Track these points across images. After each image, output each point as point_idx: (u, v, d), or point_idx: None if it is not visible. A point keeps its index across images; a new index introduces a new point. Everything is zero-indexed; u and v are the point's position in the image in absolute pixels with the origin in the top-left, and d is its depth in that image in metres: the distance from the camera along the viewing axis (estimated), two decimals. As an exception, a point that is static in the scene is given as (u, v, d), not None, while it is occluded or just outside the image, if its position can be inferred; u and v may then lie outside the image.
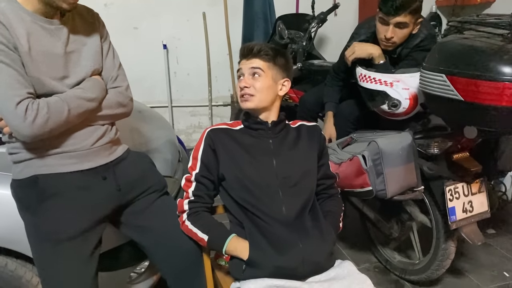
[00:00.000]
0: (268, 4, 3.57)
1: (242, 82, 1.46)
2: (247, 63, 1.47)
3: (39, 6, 1.28)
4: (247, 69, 1.47)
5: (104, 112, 1.41)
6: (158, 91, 3.79)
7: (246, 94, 1.45)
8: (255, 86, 1.45)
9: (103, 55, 1.45)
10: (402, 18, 1.94)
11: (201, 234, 1.41)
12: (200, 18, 3.62)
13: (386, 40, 2.02)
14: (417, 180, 1.83)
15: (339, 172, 1.88)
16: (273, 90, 1.48)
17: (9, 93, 1.20)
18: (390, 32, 1.99)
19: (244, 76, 1.47)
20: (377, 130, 2.09)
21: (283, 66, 1.50)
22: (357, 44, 2.07)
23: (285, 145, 1.50)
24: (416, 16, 1.98)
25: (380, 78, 1.91)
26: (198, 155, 1.46)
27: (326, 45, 3.86)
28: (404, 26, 1.98)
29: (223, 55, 3.75)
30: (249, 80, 1.46)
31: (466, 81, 1.52)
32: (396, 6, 1.91)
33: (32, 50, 1.26)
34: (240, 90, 1.47)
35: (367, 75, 1.95)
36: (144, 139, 2.04)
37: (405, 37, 2.03)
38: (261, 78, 1.45)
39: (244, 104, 1.47)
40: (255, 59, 1.47)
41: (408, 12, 1.93)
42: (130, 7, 3.50)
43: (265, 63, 1.46)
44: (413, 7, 1.93)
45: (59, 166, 1.35)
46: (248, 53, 1.48)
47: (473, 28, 1.74)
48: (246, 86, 1.45)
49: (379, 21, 2.03)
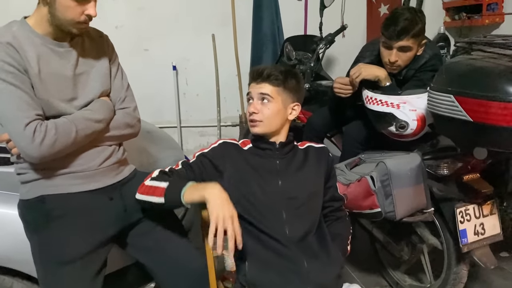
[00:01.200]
0: (277, 26, 3.62)
1: (251, 107, 1.45)
2: (257, 88, 1.46)
3: (50, 29, 1.31)
4: (256, 94, 1.45)
5: (112, 133, 1.43)
6: (167, 112, 3.83)
7: (254, 120, 1.45)
8: (263, 112, 1.44)
9: (112, 76, 1.47)
10: (405, 42, 1.95)
11: (161, 184, 1.33)
12: (209, 39, 3.67)
13: (390, 64, 2.02)
14: (426, 202, 1.81)
15: (348, 193, 1.86)
16: (282, 115, 1.48)
17: (18, 114, 1.22)
18: (394, 56, 1.99)
19: (253, 101, 1.46)
20: (385, 151, 2.08)
21: (294, 89, 1.48)
22: (363, 65, 2.08)
23: (292, 166, 1.49)
24: (419, 39, 1.99)
25: (386, 100, 1.91)
26: (198, 153, 1.48)
27: (334, 66, 3.88)
28: (408, 50, 1.98)
29: (232, 76, 3.78)
30: (258, 106, 1.44)
31: (474, 102, 1.51)
32: (398, 30, 1.92)
33: (42, 72, 1.28)
34: (249, 114, 1.47)
35: (374, 97, 1.95)
36: (152, 159, 2.05)
37: (409, 60, 2.03)
38: (270, 104, 1.44)
39: (253, 129, 1.47)
40: (265, 83, 1.44)
41: (410, 36, 1.94)
42: (140, 29, 3.57)
43: (274, 88, 1.44)
44: (416, 30, 1.93)
45: (66, 186, 1.36)
46: (257, 77, 1.46)
47: (481, 49, 1.73)
48: (254, 112, 1.44)
49: (382, 46, 2.04)
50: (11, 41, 1.24)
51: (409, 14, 1.95)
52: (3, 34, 1.26)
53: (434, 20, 3.81)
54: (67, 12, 1.25)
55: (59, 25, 1.29)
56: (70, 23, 1.28)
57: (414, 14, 1.97)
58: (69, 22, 1.28)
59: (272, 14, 3.58)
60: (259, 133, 1.47)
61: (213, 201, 1.23)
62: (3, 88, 1.22)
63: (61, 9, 1.25)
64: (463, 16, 3.54)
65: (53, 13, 1.26)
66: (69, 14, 1.26)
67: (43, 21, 1.30)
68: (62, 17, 1.26)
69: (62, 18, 1.27)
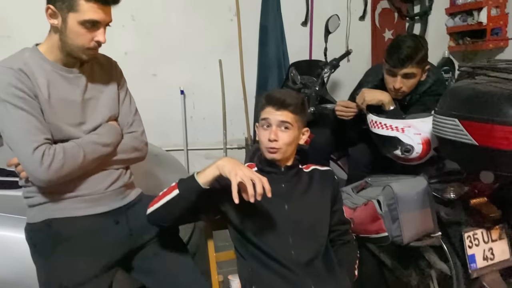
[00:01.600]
0: (282, 51, 3.66)
1: (272, 134, 1.44)
2: (277, 115, 1.45)
3: (61, 56, 1.35)
4: (276, 121, 1.45)
5: (119, 156, 1.44)
6: (174, 135, 3.85)
7: (274, 147, 1.45)
8: (284, 140, 1.45)
9: (120, 101, 1.50)
10: (409, 69, 1.96)
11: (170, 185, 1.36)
12: (216, 65, 3.73)
13: (395, 90, 2.04)
14: (434, 226, 1.79)
15: (354, 217, 1.85)
16: (297, 140, 1.50)
17: (27, 138, 1.25)
18: (398, 83, 2.01)
19: (271, 127, 1.45)
20: (391, 174, 2.07)
21: (305, 114, 1.52)
22: (366, 90, 2.09)
23: (297, 189, 1.50)
24: (423, 65, 2.00)
25: (391, 124, 1.91)
26: None
27: (339, 90, 3.91)
28: (412, 76, 2.00)
29: (238, 99, 3.82)
30: (278, 133, 1.44)
31: (479, 126, 1.52)
32: (402, 58, 1.94)
33: (51, 97, 1.31)
34: (267, 141, 1.45)
35: (378, 121, 1.96)
36: (158, 182, 2.06)
37: (414, 85, 2.04)
38: (289, 131, 1.45)
39: (270, 155, 1.47)
40: (286, 111, 1.45)
41: (414, 63, 1.95)
42: (149, 55, 3.63)
43: (294, 116, 1.46)
44: (419, 57, 1.95)
45: (73, 210, 1.37)
46: (277, 103, 1.45)
47: (485, 73, 1.75)
48: (275, 140, 1.44)
49: (386, 73, 2.06)
50: (22, 67, 1.28)
51: (411, 42, 1.97)
52: (16, 60, 1.30)
53: (439, 45, 3.85)
54: (77, 38, 1.29)
55: (69, 51, 1.32)
56: (80, 49, 1.32)
57: (417, 41, 1.99)
58: (79, 48, 1.31)
59: (278, 40, 3.64)
60: (276, 159, 1.47)
61: (228, 165, 1.27)
62: (13, 113, 1.25)
63: (72, 36, 1.29)
64: (467, 40, 3.57)
65: (64, 40, 1.30)
66: (79, 40, 1.30)
67: (54, 48, 1.34)
68: (72, 44, 1.30)
69: (72, 45, 1.30)
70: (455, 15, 3.67)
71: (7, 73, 1.26)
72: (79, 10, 1.26)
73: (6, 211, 1.51)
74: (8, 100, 1.24)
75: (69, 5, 1.26)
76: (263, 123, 1.48)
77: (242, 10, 3.64)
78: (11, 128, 1.26)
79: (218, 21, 3.66)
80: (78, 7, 1.25)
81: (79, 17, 1.26)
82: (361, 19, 3.83)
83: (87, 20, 1.27)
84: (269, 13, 3.59)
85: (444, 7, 3.78)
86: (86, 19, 1.27)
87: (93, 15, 1.27)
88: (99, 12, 1.28)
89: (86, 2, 1.25)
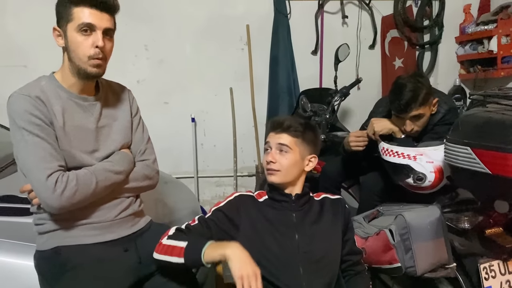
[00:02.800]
0: (292, 79, 3.70)
1: (269, 156, 1.47)
2: (275, 137, 1.48)
3: (74, 80, 1.38)
4: (275, 144, 1.47)
5: (131, 184, 1.45)
6: (185, 162, 3.87)
7: (271, 169, 1.46)
8: (281, 162, 1.45)
9: (133, 129, 1.52)
10: (414, 112, 1.97)
11: (179, 243, 1.31)
12: (227, 92, 3.77)
13: (408, 132, 2.04)
14: (448, 257, 1.75)
15: (366, 247, 1.82)
16: (299, 166, 1.49)
17: (41, 165, 1.26)
18: (408, 126, 2.01)
19: (271, 150, 1.48)
20: (404, 203, 2.04)
21: (312, 141, 1.50)
22: (375, 120, 2.10)
23: (308, 219, 1.48)
24: (428, 103, 1.99)
25: (403, 152, 1.90)
26: (214, 208, 1.46)
27: (350, 117, 3.91)
28: (421, 117, 2.00)
29: (249, 127, 3.84)
30: (276, 155, 1.46)
31: (492, 154, 1.50)
32: (404, 104, 1.94)
33: (66, 125, 1.34)
34: (266, 163, 1.48)
35: (390, 149, 1.95)
36: (168, 210, 2.06)
37: (425, 123, 2.04)
38: (288, 154, 1.45)
39: (269, 178, 1.48)
40: (284, 134, 1.46)
41: (418, 105, 1.95)
42: (161, 83, 3.70)
43: (293, 139, 1.46)
44: (421, 98, 1.94)
45: (82, 237, 1.37)
46: (277, 127, 1.48)
47: (496, 101, 1.74)
48: (272, 161, 1.45)
49: (394, 118, 2.06)
50: (39, 95, 1.31)
51: (410, 84, 1.95)
52: (33, 88, 1.33)
53: (449, 73, 3.86)
54: (78, 48, 1.33)
55: (78, 69, 1.35)
56: (83, 60, 1.34)
57: (415, 82, 1.97)
58: (82, 59, 1.34)
59: (288, 68, 3.68)
60: (275, 182, 1.47)
61: (235, 260, 1.22)
62: (29, 140, 1.27)
63: (73, 47, 1.33)
64: (478, 69, 3.58)
65: (70, 56, 1.35)
66: (80, 50, 1.33)
67: (68, 73, 1.38)
68: (76, 56, 1.34)
69: (76, 57, 1.34)
70: (465, 44, 3.69)
71: (24, 100, 1.29)
72: (74, 17, 1.31)
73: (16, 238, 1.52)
74: (25, 127, 1.27)
75: (66, 18, 1.32)
76: (266, 147, 1.51)
77: (253, 39, 3.71)
78: (26, 154, 1.28)
79: (229, 50, 3.73)
80: (73, 15, 1.31)
81: (74, 24, 1.32)
82: (371, 47, 3.87)
83: (81, 24, 1.31)
84: (280, 42, 3.65)
85: (454, 36, 3.80)
86: (79, 23, 1.31)
87: (84, 18, 1.31)
88: (92, 16, 1.32)
89: (77, 7, 1.31)
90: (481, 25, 3.50)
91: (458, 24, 3.77)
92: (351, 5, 3.78)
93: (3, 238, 1.51)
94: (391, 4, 3.75)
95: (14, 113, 1.29)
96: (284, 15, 3.64)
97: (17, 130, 1.29)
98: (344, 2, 3.72)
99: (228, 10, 3.66)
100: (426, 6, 3.75)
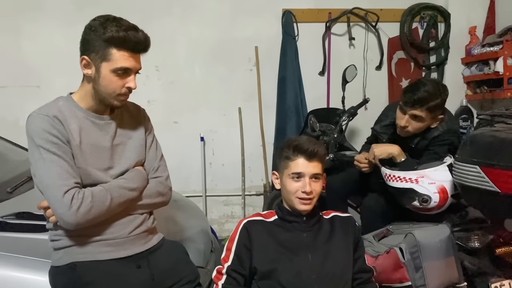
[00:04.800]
0: (300, 99, 3.75)
1: (307, 186, 1.44)
2: (310, 167, 1.45)
3: (93, 103, 1.42)
4: (310, 173, 1.45)
5: (144, 201, 1.48)
6: (193, 181, 3.90)
7: (308, 199, 1.45)
8: (317, 191, 1.46)
9: (147, 147, 1.55)
10: (418, 111, 1.99)
11: None
12: (235, 112, 3.82)
13: (400, 127, 2.07)
14: (458, 276, 1.75)
15: (376, 266, 1.82)
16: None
17: (58, 183, 1.29)
18: (404, 121, 2.04)
19: (305, 179, 1.45)
20: (413, 222, 2.05)
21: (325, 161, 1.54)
22: (375, 146, 2.12)
23: (320, 238, 1.49)
24: (434, 113, 2.01)
25: (404, 176, 1.93)
26: (232, 247, 1.46)
27: (357, 137, 3.93)
28: (420, 120, 2.02)
29: (257, 146, 3.87)
30: (313, 185, 1.45)
31: (501, 173, 1.52)
32: (414, 99, 1.97)
33: (82, 143, 1.38)
34: (300, 192, 1.45)
35: (392, 175, 1.98)
36: (179, 228, 2.07)
37: (420, 129, 2.06)
38: (320, 181, 1.48)
39: (303, 207, 1.46)
40: (317, 163, 1.47)
41: (425, 108, 1.97)
42: (171, 103, 3.76)
43: (322, 166, 1.48)
44: (432, 104, 1.97)
45: (97, 253, 1.39)
46: (312, 156, 1.45)
47: (504, 121, 1.76)
48: (311, 192, 1.44)
49: (398, 108, 2.10)
50: (57, 114, 1.36)
51: (431, 87, 1.99)
52: (51, 108, 1.38)
53: (456, 93, 3.88)
54: (110, 86, 1.37)
55: (102, 98, 1.40)
56: (112, 96, 1.39)
57: (437, 88, 2.00)
58: (111, 95, 1.39)
59: (296, 88, 3.73)
60: (308, 210, 1.48)
61: None
62: (46, 157, 1.31)
63: (104, 83, 1.37)
64: (484, 89, 3.60)
65: (97, 88, 1.38)
66: (111, 87, 1.37)
67: (87, 96, 1.42)
68: (105, 91, 1.38)
69: (105, 92, 1.38)
70: (471, 65, 3.72)
71: (42, 119, 1.33)
72: (112, 59, 1.34)
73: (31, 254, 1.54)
74: (42, 145, 1.31)
75: (102, 55, 1.34)
76: (295, 175, 1.46)
77: (261, 60, 3.78)
78: (43, 171, 1.32)
79: (238, 71, 3.80)
80: (111, 56, 1.34)
81: (112, 65, 1.35)
82: (377, 68, 3.91)
83: (119, 68, 1.35)
84: (288, 63, 3.71)
85: (460, 57, 3.84)
86: (118, 67, 1.35)
87: (124, 63, 1.35)
88: (130, 60, 1.37)
89: (118, 51, 1.34)
90: (487, 46, 3.53)
91: (463, 45, 3.81)
92: (357, 27, 3.85)
93: (19, 254, 1.53)
94: (397, 26, 3.82)
95: (33, 132, 1.33)
96: (292, 37, 3.72)
97: (35, 148, 1.32)
98: (351, 24, 3.79)
99: (237, 33, 3.75)
100: (431, 28, 3.81)
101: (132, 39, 1.34)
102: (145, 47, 1.40)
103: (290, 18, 3.71)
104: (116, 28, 1.32)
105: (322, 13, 3.77)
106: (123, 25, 1.34)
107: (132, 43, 1.35)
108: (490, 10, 3.71)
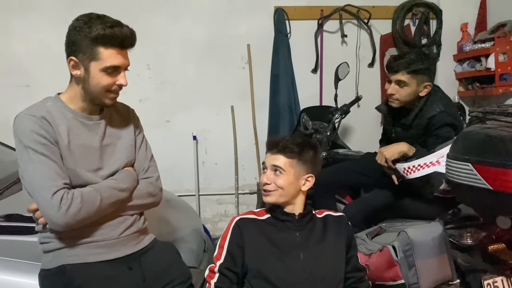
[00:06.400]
0: (293, 97, 3.74)
1: (264, 177, 1.48)
2: (271, 158, 1.49)
3: (82, 104, 1.40)
4: (270, 165, 1.48)
5: (135, 202, 1.46)
6: (186, 180, 3.88)
7: (267, 190, 1.47)
8: (276, 183, 1.46)
9: (136, 147, 1.53)
10: (400, 76, 2.05)
11: None
12: (228, 111, 3.81)
13: (388, 95, 2.13)
14: (451, 273, 1.75)
15: (369, 264, 1.82)
16: (295, 186, 1.48)
17: (46, 183, 1.28)
18: (391, 89, 2.10)
19: (266, 170, 1.49)
20: (406, 220, 2.05)
21: (309, 161, 1.50)
22: (383, 149, 2.08)
23: (312, 237, 1.48)
24: (417, 78, 2.06)
25: (425, 162, 1.87)
26: (225, 244, 1.45)
27: (350, 135, 3.94)
28: (404, 85, 2.07)
29: (250, 144, 3.86)
30: (271, 176, 1.47)
31: (493, 170, 1.51)
32: (395, 64, 2.05)
33: (71, 144, 1.36)
34: (262, 184, 1.49)
35: (411, 166, 1.92)
36: (171, 228, 2.06)
37: (408, 96, 2.10)
38: (282, 175, 1.46)
39: (265, 198, 1.49)
40: (279, 155, 1.47)
41: (406, 72, 2.03)
42: (163, 102, 3.73)
43: (287, 160, 1.46)
44: (413, 68, 2.03)
45: (87, 255, 1.37)
46: (273, 148, 1.49)
47: (495, 118, 1.76)
48: (267, 183, 1.47)
49: (386, 80, 2.16)
50: (45, 115, 1.33)
51: (414, 55, 2.07)
52: (39, 109, 1.35)
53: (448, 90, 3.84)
54: (100, 84, 1.35)
55: (92, 98, 1.38)
56: (103, 94, 1.37)
57: (419, 55, 2.08)
58: (101, 93, 1.37)
59: (289, 86, 3.72)
60: (270, 202, 1.49)
61: None
62: (35, 158, 1.29)
63: (94, 83, 1.35)
64: (477, 86, 3.61)
65: (87, 88, 1.36)
66: (102, 86, 1.36)
67: (76, 97, 1.40)
68: (96, 90, 1.36)
69: (95, 91, 1.36)
70: (463, 61, 3.73)
71: (30, 120, 1.31)
72: (100, 58, 1.33)
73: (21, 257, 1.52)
74: (30, 146, 1.29)
75: (90, 55, 1.33)
76: (262, 167, 1.54)
77: (253, 58, 3.77)
78: (32, 173, 1.30)
79: (230, 69, 3.78)
80: (99, 55, 1.33)
81: (101, 64, 1.33)
82: (370, 65, 3.92)
83: (108, 66, 1.34)
84: (280, 61, 3.70)
85: (452, 54, 3.85)
86: (107, 65, 1.34)
87: (113, 61, 1.34)
88: (119, 57, 1.35)
89: (106, 49, 1.33)
90: (479, 43, 3.55)
91: (455, 42, 3.83)
92: (350, 25, 3.85)
93: (8, 256, 1.51)
94: (389, 23, 3.82)
95: (20, 133, 1.31)
96: (284, 34, 3.71)
97: (23, 149, 1.30)
98: (343, 21, 3.79)
99: (229, 31, 3.73)
100: (423, 25, 3.81)
101: (118, 35, 1.33)
102: (132, 42, 1.39)
103: (282, 16, 3.70)
104: (102, 26, 1.31)
105: (314, 10, 3.76)
106: (108, 21, 1.33)
107: (119, 39, 1.34)
108: (481, 6, 3.72)
